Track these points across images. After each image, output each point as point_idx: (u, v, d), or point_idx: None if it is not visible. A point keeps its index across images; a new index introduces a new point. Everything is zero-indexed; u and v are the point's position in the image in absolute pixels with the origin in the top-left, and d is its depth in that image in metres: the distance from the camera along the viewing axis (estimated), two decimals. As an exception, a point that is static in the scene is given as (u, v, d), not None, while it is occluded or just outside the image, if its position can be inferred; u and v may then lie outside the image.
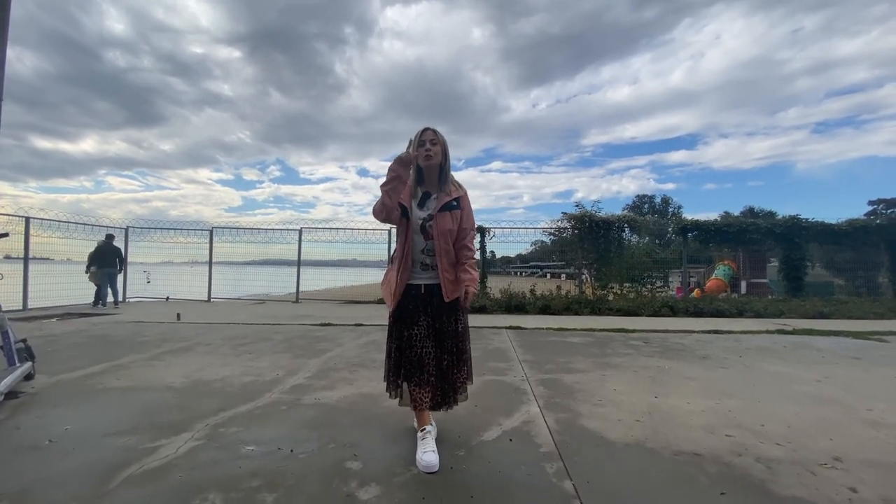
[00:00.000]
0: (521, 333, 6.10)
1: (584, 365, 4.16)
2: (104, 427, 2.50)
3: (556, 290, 10.40)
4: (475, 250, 2.35)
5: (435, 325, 2.20)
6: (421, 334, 2.16)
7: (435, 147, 2.14)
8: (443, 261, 2.18)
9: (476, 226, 9.28)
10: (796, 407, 2.93)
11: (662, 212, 59.76)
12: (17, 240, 8.46)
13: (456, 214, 2.21)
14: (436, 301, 2.19)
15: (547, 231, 11.84)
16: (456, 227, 2.21)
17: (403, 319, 2.20)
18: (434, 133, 2.16)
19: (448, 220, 2.18)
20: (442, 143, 2.18)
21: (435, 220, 2.16)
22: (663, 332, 6.31)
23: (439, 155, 2.16)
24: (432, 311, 2.20)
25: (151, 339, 5.43)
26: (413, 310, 2.19)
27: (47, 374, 3.63)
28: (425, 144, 2.14)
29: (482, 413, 2.77)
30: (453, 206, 2.20)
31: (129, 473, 1.95)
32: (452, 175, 2.28)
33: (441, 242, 2.17)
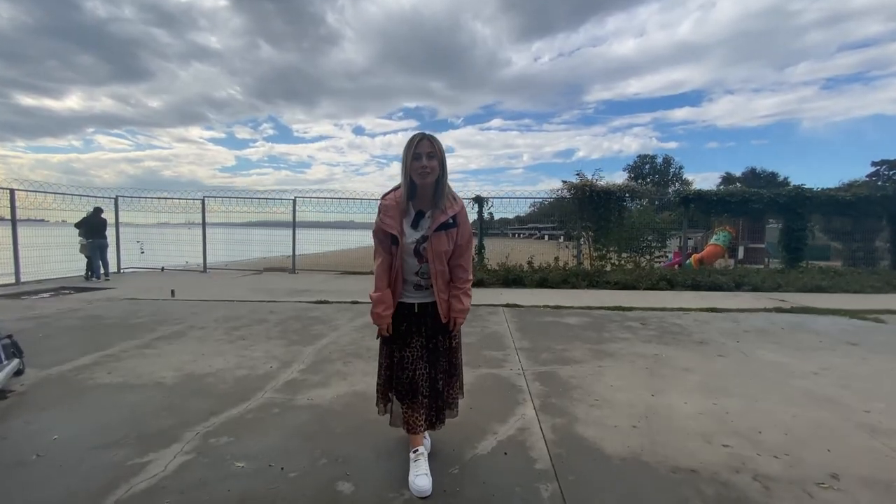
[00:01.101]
0: (518, 312, 6.06)
1: (580, 353, 4.13)
2: (92, 436, 2.46)
3: (553, 262, 10.32)
4: (472, 272, 2.17)
5: (428, 345, 2.09)
6: (414, 356, 2.06)
7: (432, 162, 1.90)
8: (438, 282, 2.03)
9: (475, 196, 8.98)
10: (794, 408, 2.90)
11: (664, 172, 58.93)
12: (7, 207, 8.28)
13: (452, 233, 2.02)
14: (430, 320, 2.08)
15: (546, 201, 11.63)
16: (452, 246, 2.04)
17: (395, 340, 2.09)
18: (431, 143, 1.91)
19: (444, 240, 1.99)
20: (440, 155, 1.93)
21: (430, 242, 1.97)
22: (661, 311, 6.28)
23: (437, 171, 1.92)
24: (426, 331, 2.09)
25: (145, 320, 5.37)
26: (405, 330, 2.07)
27: (37, 366, 3.58)
28: (421, 159, 1.89)
29: (477, 417, 2.74)
30: (450, 225, 1.99)
31: (117, 498, 1.91)
32: (449, 187, 2.05)
33: (437, 265, 2.00)
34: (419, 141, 1.92)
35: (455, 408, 2.25)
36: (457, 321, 2.10)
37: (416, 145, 1.91)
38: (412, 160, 1.91)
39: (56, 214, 9.89)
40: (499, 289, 8.44)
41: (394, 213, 1.98)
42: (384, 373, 2.16)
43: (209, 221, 11.58)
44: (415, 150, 1.91)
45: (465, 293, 2.10)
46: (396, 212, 1.98)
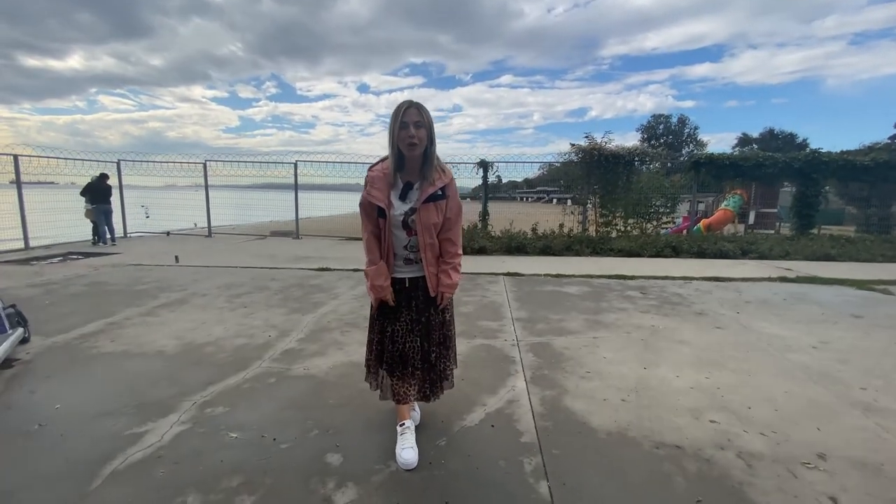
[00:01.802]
0: (518, 281, 6.05)
1: (576, 324, 4.13)
2: (93, 406, 2.53)
3: (558, 229, 10.21)
4: (461, 246, 2.13)
5: (421, 319, 2.09)
6: (404, 329, 2.06)
7: (420, 131, 1.84)
8: (428, 255, 2.01)
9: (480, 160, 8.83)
10: (788, 384, 2.90)
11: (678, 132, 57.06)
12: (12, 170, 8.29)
13: (441, 205, 1.97)
14: (421, 294, 2.07)
15: (553, 164, 11.37)
16: (441, 218, 2.00)
17: (386, 314, 2.08)
18: (419, 112, 1.84)
19: (433, 212, 1.94)
20: (428, 124, 1.86)
21: (418, 214, 1.92)
22: (663, 280, 6.23)
23: (424, 141, 1.86)
24: (417, 305, 2.08)
25: (149, 287, 5.45)
26: (396, 304, 2.06)
27: (43, 334, 3.67)
28: (408, 128, 1.82)
29: (468, 388, 2.78)
30: (439, 197, 1.95)
31: (113, 468, 1.98)
32: (438, 158, 1.99)
33: (426, 237, 1.97)
34: (406, 109, 1.84)
35: (451, 378, 2.28)
36: (444, 296, 2.08)
37: (403, 114, 1.83)
38: (399, 129, 1.84)
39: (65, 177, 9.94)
40: (501, 256, 8.41)
41: (381, 184, 1.93)
42: (375, 348, 2.16)
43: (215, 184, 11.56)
44: (402, 118, 1.83)
45: (453, 268, 2.08)
46: (384, 183, 1.93)
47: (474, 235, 9.22)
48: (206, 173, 11.20)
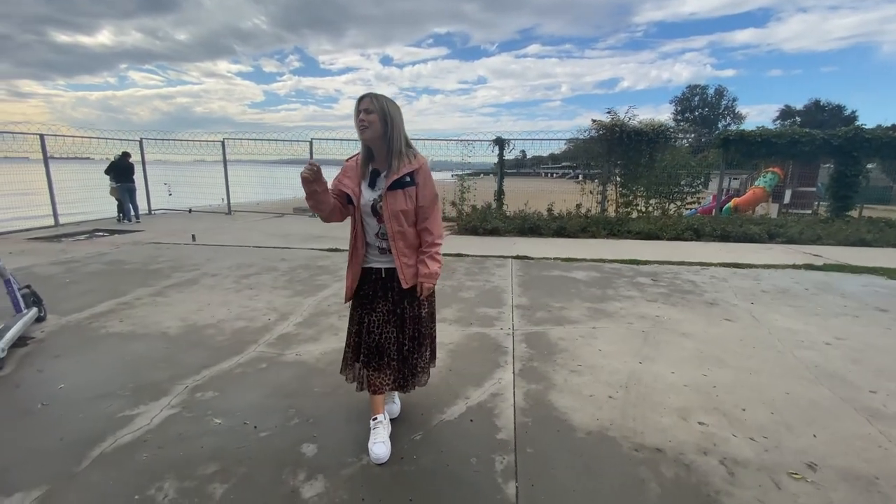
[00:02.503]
0: (526, 265, 5.95)
1: (578, 312, 4.04)
2: (93, 386, 2.65)
3: (575, 209, 9.95)
4: (440, 235, 2.09)
5: (396, 311, 2.07)
6: (380, 320, 2.04)
7: (370, 116, 1.86)
8: (398, 244, 1.99)
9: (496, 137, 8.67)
10: (791, 384, 2.76)
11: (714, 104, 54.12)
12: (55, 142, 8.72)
13: (410, 192, 1.95)
14: (397, 286, 2.05)
15: (572, 141, 11.00)
16: (412, 206, 1.97)
17: (363, 305, 2.08)
18: (371, 100, 1.88)
19: (401, 199, 1.93)
20: (380, 109, 1.88)
21: (385, 200, 1.92)
22: (677, 265, 6.02)
23: (376, 124, 1.87)
24: (393, 296, 2.06)
25: (163, 266, 5.63)
26: (372, 295, 2.05)
27: (59, 313, 3.85)
28: (359, 115, 1.88)
29: (454, 380, 2.77)
30: (406, 183, 1.94)
31: (101, 450, 2.07)
32: (410, 146, 2.00)
33: (394, 225, 1.95)
34: (360, 99, 1.91)
35: (424, 376, 2.25)
36: (423, 286, 2.04)
37: (358, 103, 1.90)
38: (355, 117, 1.90)
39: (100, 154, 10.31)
40: (514, 238, 8.28)
41: (352, 174, 2.01)
42: (353, 340, 2.15)
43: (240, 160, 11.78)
44: (357, 107, 1.90)
45: (430, 257, 2.04)
46: (355, 173, 2.01)
47: (487, 216, 9.09)
48: (224, 151, 11.36)
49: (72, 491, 1.83)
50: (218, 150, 11.27)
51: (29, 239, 7.36)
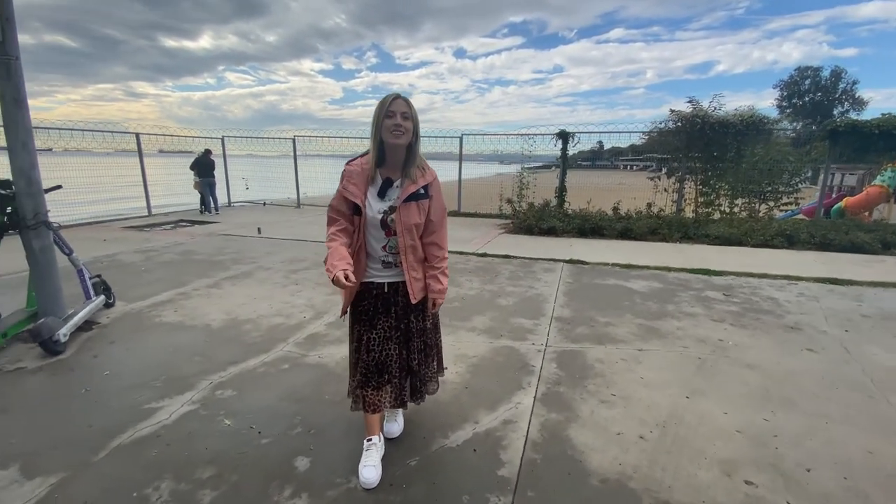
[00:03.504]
0: (578, 271, 5.55)
1: (625, 330, 3.65)
2: (132, 375, 2.85)
3: (645, 209, 9.16)
4: (446, 248, 2.01)
5: (400, 326, 1.96)
6: (381, 337, 1.93)
7: (407, 122, 1.76)
8: (409, 258, 1.88)
9: (559, 130, 8.24)
10: (878, 441, 2.24)
11: (829, 89, 47.22)
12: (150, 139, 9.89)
13: (423, 205, 1.86)
14: (401, 300, 1.94)
15: (647, 133, 10.12)
16: (423, 219, 1.87)
17: (361, 321, 1.96)
18: (407, 104, 1.77)
19: (414, 212, 1.83)
20: (414, 117, 1.79)
21: (398, 213, 1.80)
22: (759, 278, 5.26)
23: (410, 133, 1.78)
24: (396, 312, 1.94)
25: (226, 258, 6.03)
26: (372, 311, 1.93)
27: (126, 300, 4.24)
28: (395, 117, 1.74)
29: (467, 400, 2.59)
30: (421, 196, 1.84)
31: (120, 442, 2.20)
32: (421, 157, 1.89)
33: (406, 239, 1.84)
34: (393, 100, 1.75)
35: (433, 384, 2.17)
36: (436, 302, 2.00)
37: (391, 104, 1.75)
38: (384, 118, 1.75)
39: (204, 143, 11.47)
40: (571, 239, 7.81)
41: (358, 180, 1.82)
42: (353, 356, 2.07)
43: (320, 154, 12.48)
44: (388, 108, 1.74)
45: (442, 272, 1.98)
46: (361, 179, 1.82)
47: (544, 214, 8.66)
48: (294, 148, 12.04)
49: (83, 481, 1.94)
50: (304, 146, 11.96)
51: (123, 227, 8.31)
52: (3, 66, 2.95)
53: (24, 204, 3.20)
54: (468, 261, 5.98)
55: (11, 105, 3.04)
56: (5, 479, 1.92)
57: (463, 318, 3.84)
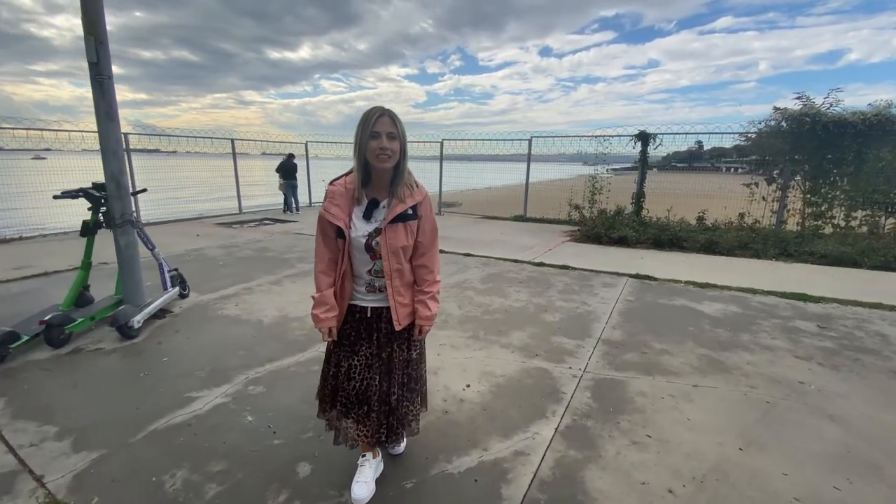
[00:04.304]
0: (643, 288, 5.08)
1: (683, 361, 3.25)
2: (183, 364, 3.13)
3: (737, 219, 8.17)
4: (438, 272, 1.86)
5: (381, 355, 1.83)
6: (362, 364, 1.82)
7: (393, 143, 1.62)
8: (395, 283, 1.75)
9: (639, 132, 7.71)
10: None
11: None
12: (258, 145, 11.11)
13: (412, 226, 1.73)
14: (385, 327, 1.82)
15: (742, 135, 9.01)
16: (412, 241, 1.74)
17: (342, 345, 1.84)
18: (392, 121, 1.61)
19: (402, 233, 1.70)
20: (401, 135, 1.64)
21: (384, 235, 1.68)
22: (868, 308, 4.41)
23: (397, 154, 1.65)
24: (379, 339, 1.82)
25: (294, 256, 6.44)
26: (355, 336, 1.82)
27: (199, 292, 4.70)
28: (380, 139, 1.60)
29: (482, 423, 2.46)
30: (409, 216, 1.71)
31: (156, 426, 2.41)
32: (410, 173, 1.75)
33: (392, 262, 1.71)
34: (378, 118, 1.59)
35: (415, 425, 2.00)
36: (422, 329, 1.85)
37: (375, 123, 1.59)
38: (369, 139, 1.61)
39: (295, 149, 12.60)
40: (644, 251, 7.19)
41: (342, 201, 1.70)
42: (330, 382, 1.92)
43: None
44: (373, 128, 1.59)
45: (432, 297, 1.82)
46: (345, 200, 1.70)
47: (616, 222, 8.08)
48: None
49: (116, 460, 2.15)
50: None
51: (216, 224, 9.26)
52: (97, 84, 3.40)
53: (113, 205, 3.67)
54: (521, 270, 5.76)
55: (104, 118, 3.49)
56: (57, 451, 2.20)
57: (499, 333, 3.69)
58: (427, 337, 3.49)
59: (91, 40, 3.32)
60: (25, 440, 2.26)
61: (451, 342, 3.49)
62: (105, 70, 3.41)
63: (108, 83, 3.44)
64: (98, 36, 3.33)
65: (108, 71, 3.44)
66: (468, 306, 4.32)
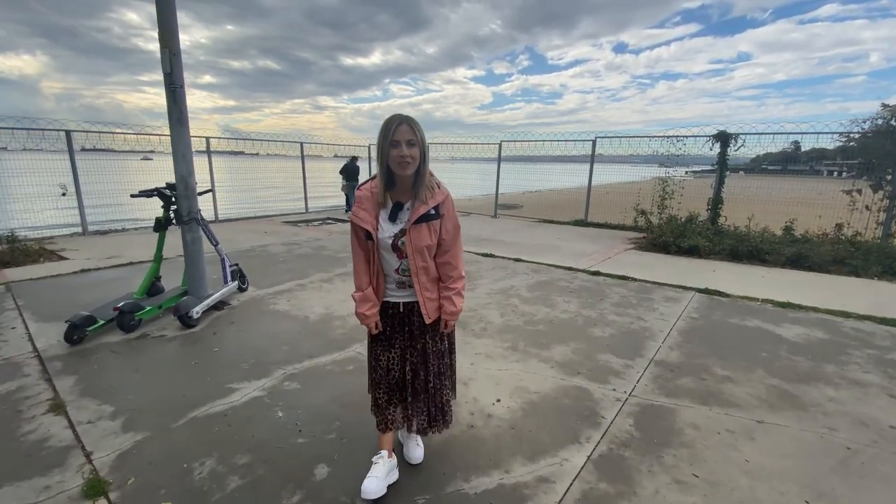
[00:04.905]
0: (712, 305, 4.60)
1: (747, 391, 2.87)
2: (232, 356, 3.30)
3: (834, 230, 7.17)
4: (462, 268, 1.96)
5: (416, 346, 1.97)
6: (398, 356, 1.98)
7: (412, 150, 1.71)
8: (421, 279, 1.87)
9: (717, 132, 7.11)
10: None
11: None
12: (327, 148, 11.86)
13: (434, 225, 1.83)
14: (416, 320, 1.95)
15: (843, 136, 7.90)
16: (435, 240, 1.84)
17: (379, 340, 2.01)
18: (411, 129, 1.70)
19: (425, 233, 1.81)
20: (420, 141, 1.73)
21: (409, 235, 1.78)
22: None
23: (417, 159, 1.74)
24: (413, 331, 1.96)
25: (347, 255, 6.63)
26: (390, 331, 1.98)
27: (258, 286, 4.98)
28: (400, 147, 1.69)
29: (508, 442, 2.33)
30: (431, 216, 1.81)
31: (196, 414, 2.55)
32: (432, 175, 1.84)
33: (418, 261, 1.84)
34: (397, 126, 1.69)
35: (448, 414, 2.11)
36: (448, 324, 1.97)
37: (394, 131, 1.69)
38: (389, 148, 1.72)
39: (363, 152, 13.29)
40: (717, 262, 6.53)
41: (368, 205, 1.84)
42: (373, 375, 2.08)
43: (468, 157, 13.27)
44: (392, 136, 1.69)
45: (457, 293, 1.94)
46: (371, 204, 1.83)
47: (687, 230, 7.43)
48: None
49: (156, 443, 2.29)
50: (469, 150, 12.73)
51: (283, 222, 9.83)
52: (170, 93, 3.70)
53: (181, 204, 3.98)
54: (573, 279, 5.46)
55: (176, 124, 3.80)
56: (109, 430, 2.39)
57: (541, 346, 3.50)
58: (462, 345, 3.43)
59: (166, 52, 3.63)
60: (84, 417, 2.49)
61: (487, 352, 3.37)
62: (177, 80, 3.71)
63: (179, 92, 3.74)
64: (172, 48, 3.63)
65: (181, 80, 3.74)
66: (510, 315, 4.16)
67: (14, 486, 1.97)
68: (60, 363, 3.12)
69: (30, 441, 2.28)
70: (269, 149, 11.90)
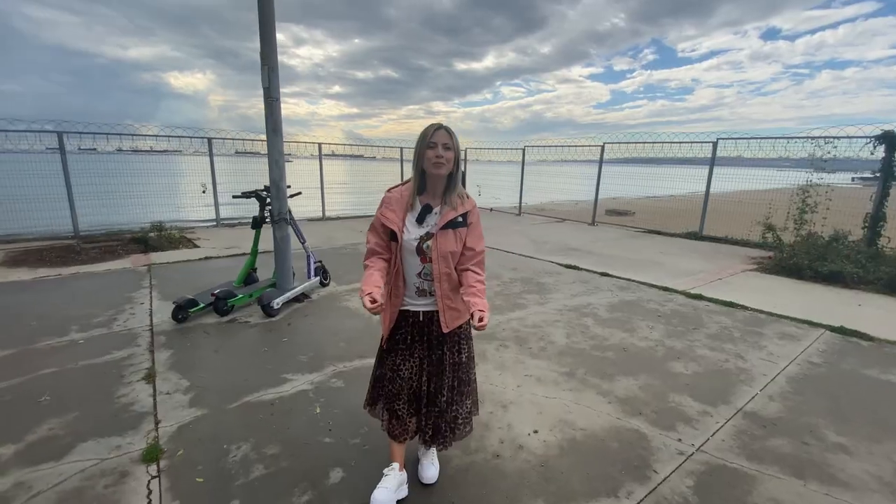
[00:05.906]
0: (845, 348, 3.69)
1: (865, 467, 2.22)
2: (295, 347, 3.55)
3: None
4: (484, 274, 1.89)
5: (433, 357, 1.94)
6: (415, 366, 1.95)
7: (448, 153, 1.78)
8: (443, 286, 1.86)
9: (882, 132, 5.91)
10: None
11: None
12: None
13: (461, 233, 1.85)
14: (435, 330, 1.92)
15: None
16: (460, 247, 1.85)
17: (397, 350, 1.98)
18: (448, 135, 1.79)
19: (451, 239, 1.83)
20: (455, 148, 1.81)
21: (435, 240, 1.81)
22: None
23: (451, 163, 1.81)
24: (430, 341, 1.94)
25: (429, 258, 6.76)
26: (410, 340, 1.95)
27: (338, 282, 5.32)
28: (436, 148, 1.77)
29: (533, 481, 2.11)
30: (459, 224, 1.84)
31: (249, 399, 2.79)
32: (461, 187, 1.89)
33: (441, 266, 1.83)
34: (435, 131, 1.78)
35: (467, 427, 2.06)
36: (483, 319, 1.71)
37: (432, 135, 1.78)
38: (426, 149, 1.78)
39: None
40: (866, 294, 5.23)
41: (397, 206, 1.87)
42: (386, 385, 2.03)
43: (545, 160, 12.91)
44: (430, 139, 1.77)
45: (481, 291, 1.83)
46: (400, 205, 1.87)
47: (829, 251, 6.09)
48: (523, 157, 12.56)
49: (209, 421, 2.55)
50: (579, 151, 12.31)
51: (380, 222, 10.38)
52: (267, 105, 4.12)
53: (273, 205, 4.41)
54: (667, 301, 4.82)
55: (271, 133, 4.21)
56: (179, 403, 2.73)
57: (603, 376, 3.13)
58: (513, 363, 3.24)
59: (265, 69, 4.04)
60: (166, 388, 2.88)
61: (538, 374, 3.13)
62: (274, 93, 4.11)
63: (275, 104, 4.14)
64: (271, 64, 4.04)
65: (277, 93, 4.14)
66: (578, 336, 3.81)
67: (95, 440, 2.35)
68: (165, 338, 3.66)
69: (120, 403, 2.71)
70: (383, 153, 12.77)
